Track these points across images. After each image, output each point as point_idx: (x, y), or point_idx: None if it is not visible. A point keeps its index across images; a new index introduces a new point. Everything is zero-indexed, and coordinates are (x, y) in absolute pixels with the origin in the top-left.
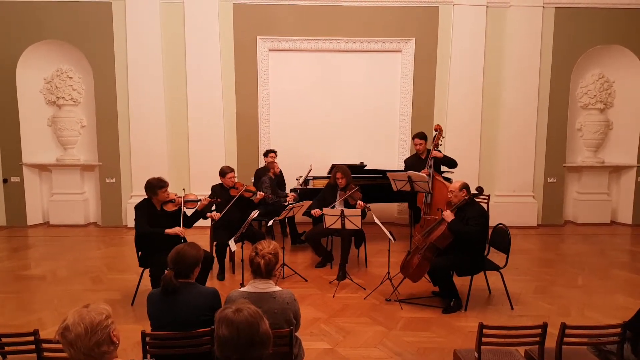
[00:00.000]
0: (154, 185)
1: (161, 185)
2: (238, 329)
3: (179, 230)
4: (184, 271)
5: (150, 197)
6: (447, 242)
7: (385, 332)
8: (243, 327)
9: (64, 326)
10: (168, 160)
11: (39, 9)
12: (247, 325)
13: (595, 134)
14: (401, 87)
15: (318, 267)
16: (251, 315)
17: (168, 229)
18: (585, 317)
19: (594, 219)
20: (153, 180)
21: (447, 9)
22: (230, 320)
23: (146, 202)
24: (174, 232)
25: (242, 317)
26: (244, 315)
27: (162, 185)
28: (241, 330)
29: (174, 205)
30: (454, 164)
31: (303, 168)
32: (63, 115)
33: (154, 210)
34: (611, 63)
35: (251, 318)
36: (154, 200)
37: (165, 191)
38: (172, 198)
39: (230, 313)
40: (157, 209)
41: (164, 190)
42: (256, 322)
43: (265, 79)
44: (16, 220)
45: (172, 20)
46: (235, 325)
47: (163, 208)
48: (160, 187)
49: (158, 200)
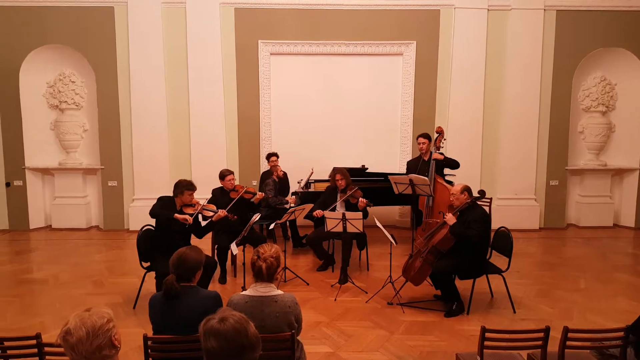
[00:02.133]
0: (184, 185)
1: (190, 188)
2: (227, 339)
3: (187, 216)
4: (186, 275)
5: (175, 195)
6: (449, 245)
7: (387, 336)
8: (231, 336)
9: (65, 330)
10: (170, 164)
11: (42, 14)
12: (234, 333)
13: (597, 137)
14: (402, 90)
15: (320, 271)
16: (237, 322)
17: (177, 214)
18: (588, 321)
19: (597, 222)
20: (184, 181)
21: (448, 12)
22: (217, 331)
23: (169, 199)
24: (182, 218)
25: (229, 326)
26: (230, 323)
27: (190, 188)
28: (230, 340)
29: (192, 210)
30: (456, 165)
31: (304, 171)
32: (66, 119)
33: (173, 208)
34: (613, 66)
35: (238, 325)
36: (177, 200)
37: (192, 195)
38: (193, 202)
39: (216, 324)
40: (177, 208)
41: (191, 194)
42: (243, 328)
43: (266, 83)
44: (18, 224)
45: (174, 24)
46: (223, 336)
47: (182, 210)
48: (188, 189)
49: (181, 201)
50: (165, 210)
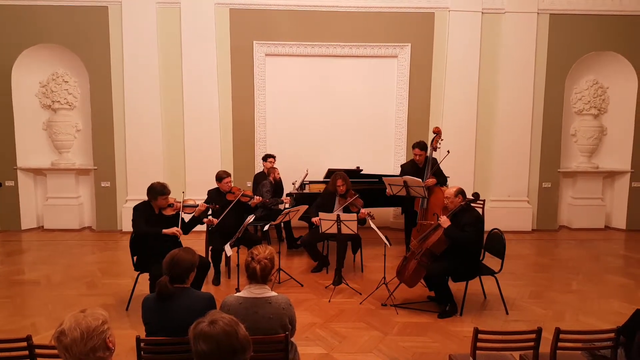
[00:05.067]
0: (156, 191)
1: (163, 192)
2: (217, 342)
3: (176, 230)
4: (179, 276)
5: (150, 200)
6: (443, 247)
7: (380, 337)
8: (222, 339)
9: (60, 330)
10: (164, 165)
11: (35, 13)
12: (225, 335)
13: (589, 140)
14: (397, 92)
15: (314, 272)
16: (227, 324)
17: (165, 229)
18: (580, 322)
19: (589, 224)
20: (157, 185)
21: (442, 15)
22: (208, 335)
23: (145, 204)
24: (171, 232)
25: (219, 329)
26: (219, 326)
27: (163, 192)
28: (221, 343)
29: (172, 210)
30: (444, 181)
31: (299, 173)
32: (58, 119)
33: (152, 213)
34: (605, 69)
35: (228, 327)
36: (153, 204)
37: (166, 199)
38: (170, 202)
39: (206, 327)
40: (155, 212)
41: (165, 198)
42: (233, 330)
43: (261, 84)
44: (10, 225)
45: (168, 24)
46: (214, 339)
47: (161, 212)
48: (161, 194)
49: (157, 205)
50: (146, 217)
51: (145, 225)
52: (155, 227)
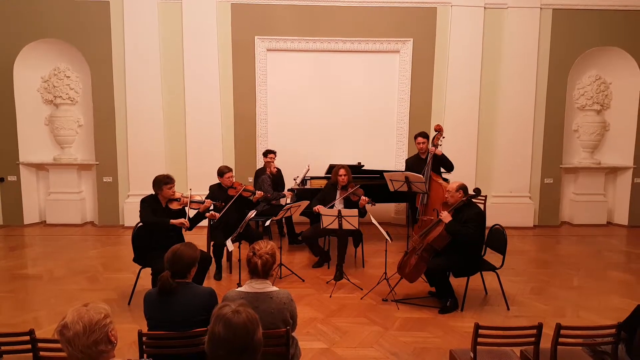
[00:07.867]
0: (160, 181)
1: (167, 182)
2: (235, 331)
3: (184, 220)
4: (181, 271)
5: (156, 192)
6: (444, 243)
7: (381, 332)
8: (239, 331)
9: (62, 324)
10: (165, 160)
11: (37, 8)
12: (244, 329)
13: (591, 135)
14: (399, 87)
15: (315, 267)
16: (249, 320)
17: (173, 219)
18: (581, 318)
19: (590, 220)
20: (160, 176)
21: (445, 10)
22: (229, 321)
23: (152, 197)
24: (179, 223)
25: (241, 320)
26: (242, 318)
27: (168, 181)
28: (237, 334)
29: (179, 205)
30: (450, 167)
31: (300, 168)
32: (60, 115)
33: (159, 206)
34: (608, 65)
35: (249, 323)
36: (160, 197)
37: (171, 188)
38: (177, 197)
39: (230, 313)
40: (162, 205)
41: (170, 187)
42: (253, 329)
43: (263, 79)
44: (13, 220)
45: (169, 19)
46: (233, 327)
47: (168, 206)
48: (166, 183)
49: (163, 197)
50: (152, 210)
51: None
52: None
